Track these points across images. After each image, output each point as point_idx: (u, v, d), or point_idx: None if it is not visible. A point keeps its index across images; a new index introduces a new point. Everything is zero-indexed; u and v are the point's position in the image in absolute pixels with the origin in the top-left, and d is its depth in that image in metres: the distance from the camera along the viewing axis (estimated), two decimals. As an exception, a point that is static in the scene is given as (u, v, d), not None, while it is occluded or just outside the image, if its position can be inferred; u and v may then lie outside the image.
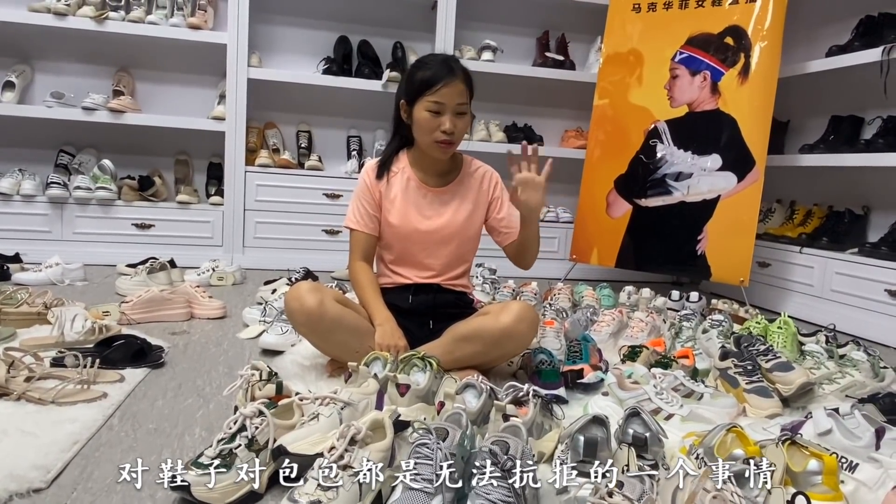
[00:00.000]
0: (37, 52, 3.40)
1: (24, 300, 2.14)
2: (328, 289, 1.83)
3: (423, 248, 1.86)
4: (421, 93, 1.71)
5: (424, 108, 1.72)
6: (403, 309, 1.84)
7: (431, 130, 1.73)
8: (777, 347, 2.04)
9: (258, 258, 3.45)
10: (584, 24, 3.88)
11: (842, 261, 2.87)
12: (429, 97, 1.70)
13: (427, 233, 1.85)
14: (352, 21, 3.70)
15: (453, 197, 1.87)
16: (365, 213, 1.85)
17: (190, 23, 3.31)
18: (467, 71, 1.76)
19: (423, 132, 1.75)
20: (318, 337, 1.75)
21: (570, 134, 3.97)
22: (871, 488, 1.17)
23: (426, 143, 1.77)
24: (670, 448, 1.32)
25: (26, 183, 3.20)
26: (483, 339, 1.71)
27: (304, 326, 1.72)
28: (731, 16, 3.04)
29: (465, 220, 1.87)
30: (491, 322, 1.71)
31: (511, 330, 1.70)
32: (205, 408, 1.51)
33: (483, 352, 1.73)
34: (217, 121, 3.40)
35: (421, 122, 1.74)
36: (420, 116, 1.73)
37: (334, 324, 1.69)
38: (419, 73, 1.73)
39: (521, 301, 1.73)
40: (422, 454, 1.03)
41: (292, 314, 1.72)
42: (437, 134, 1.72)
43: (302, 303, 1.67)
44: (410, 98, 1.75)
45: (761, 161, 2.94)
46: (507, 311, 1.72)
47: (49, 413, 1.39)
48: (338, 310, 1.70)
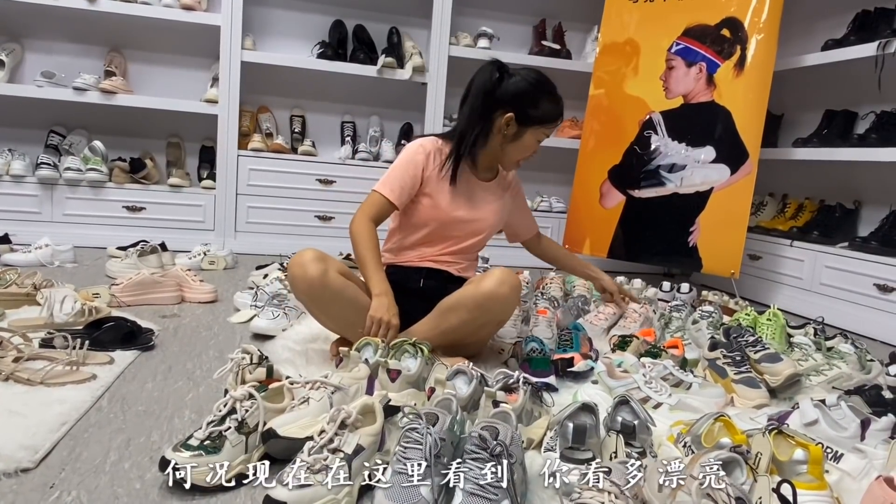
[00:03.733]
0: (27, 31, 3.35)
1: (13, 281, 2.13)
2: (334, 259, 1.77)
3: (455, 234, 1.88)
4: (541, 122, 1.80)
5: (535, 136, 1.82)
6: (412, 290, 1.83)
7: (527, 154, 1.86)
8: (766, 339, 2.06)
9: (250, 243, 3.44)
10: (580, 13, 3.87)
11: (832, 254, 2.88)
12: (545, 129, 1.82)
13: (467, 221, 1.87)
14: (347, 5, 3.66)
15: (493, 193, 1.94)
16: (404, 184, 1.79)
17: (183, 3, 3.27)
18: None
19: (519, 153, 1.85)
20: (318, 307, 1.74)
21: (565, 123, 3.95)
22: (856, 478, 1.19)
23: (511, 162, 1.89)
24: (658, 436, 1.34)
25: (16, 163, 3.16)
26: (467, 305, 1.70)
27: (304, 294, 1.71)
28: (728, 7, 3.04)
29: (498, 215, 1.95)
30: (473, 288, 1.72)
31: (493, 293, 1.69)
32: (195, 391, 1.51)
33: (469, 319, 1.71)
34: (210, 104, 3.37)
35: (526, 145, 1.83)
36: (528, 141, 1.82)
37: (336, 295, 1.68)
38: (548, 104, 1.79)
39: (502, 267, 1.74)
40: (411, 439, 1.04)
41: (294, 281, 1.70)
42: (526, 157, 1.87)
43: (305, 270, 1.66)
44: (526, 120, 1.78)
45: (755, 154, 2.95)
46: (489, 276, 1.72)
47: (37, 394, 1.38)
48: (340, 282, 1.69)
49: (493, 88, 1.76)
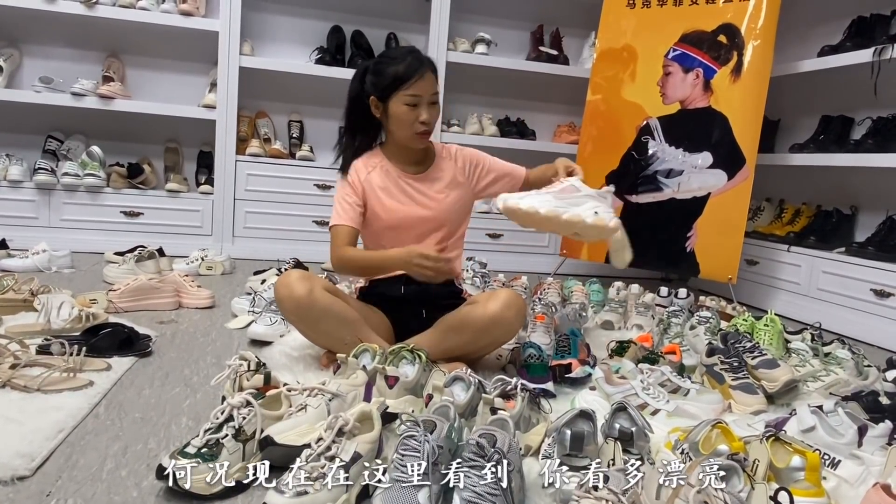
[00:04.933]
0: (25, 36, 3.35)
1: (10, 287, 2.13)
2: (318, 278, 1.82)
3: (414, 237, 1.86)
4: (395, 88, 1.73)
5: (402, 103, 1.73)
6: (395, 299, 1.85)
7: (411, 123, 1.75)
8: (763, 345, 2.06)
9: (248, 248, 3.43)
10: (578, 19, 3.88)
11: (829, 260, 2.89)
12: (405, 91, 1.72)
13: (418, 220, 1.85)
14: (346, 11, 3.67)
15: (436, 182, 1.88)
16: (349, 207, 1.81)
17: (181, 9, 3.27)
18: (432, 60, 1.80)
19: (402, 126, 1.77)
20: (307, 326, 1.75)
21: (562, 129, 3.97)
22: (853, 485, 1.19)
23: (406, 137, 1.79)
24: (656, 443, 1.34)
25: (13, 168, 3.16)
26: (471, 328, 1.72)
27: (292, 314, 1.72)
28: (724, 14, 3.05)
29: (452, 202, 1.89)
30: (479, 311, 1.72)
31: (499, 318, 1.71)
32: (192, 397, 1.51)
33: (472, 340, 1.74)
34: (208, 109, 3.37)
35: (400, 116, 1.75)
36: (398, 111, 1.75)
37: (323, 313, 1.69)
38: (390, 68, 1.74)
39: (508, 289, 1.74)
40: (409, 446, 1.04)
41: (281, 302, 1.71)
42: (417, 126, 1.75)
43: (291, 290, 1.67)
44: (383, 94, 1.76)
45: (751, 159, 2.96)
46: (495, 299, 1.73)
47: (34, 400, 1.38)
48: (327, 299, 1.70)
49: (358, 90, 1.81)
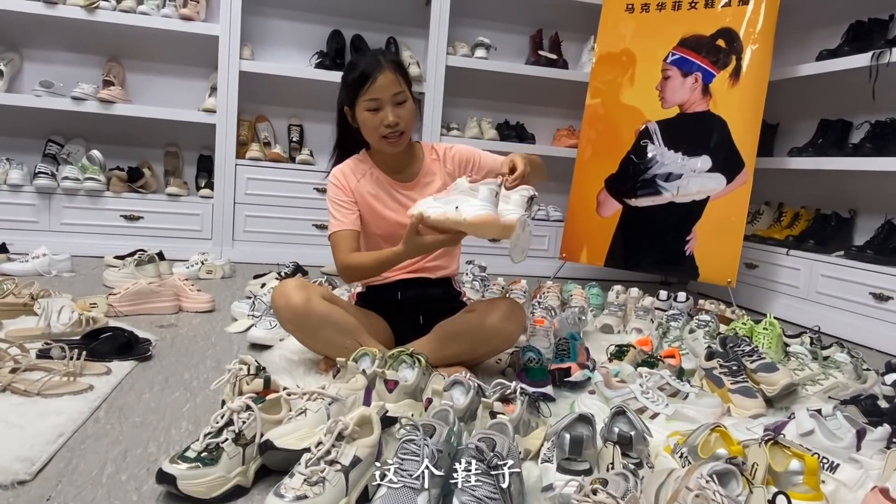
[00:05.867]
0: (26, 40, 3.36)
1: (10, 291, 2.12)
2: (315, 286, 1.82)
3: None
4: (357, 94, 1.71)
5: (364, 108, 1.72)
6: (393, 305, 1.85)
7: (376, 127, 1.72)
8: (762, 348, 2.06)
9: (248, 252, 3.44)
10: (577, 23, 3.89)
11: (828, 263, 2.89)
12: (364, 97, 1.70)
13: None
14: (345, 15, 3.68)
15: (426, 187, 1.85)
16: (345, 210, 1.80)
17: (182, 13, 3.28)
18: (396, 59, 1.78)
19: (368, 132, 1.76)
20: (305, 334, 1.75)
21: (561, 133, 3.98)
22: (852, 489, 1.19)
23: (375, 141, 1.77)
24: (655, 447, 1.34)
25: (13, 172, 3.16)
26: (471, 337, 1.73)
27: (290, 324, 1.72)
28: (723, 18, 3.06)
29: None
30: (478, 320, 1.72)
31: (499, 328, 1.72)
32: (192, 401, 1.51)
33: (471, 349, 1.75)
34: (208, 113, 3.38)
35: (364, 122, 1.74)
36: (362, 117, 1.74)
37: (321, 321, 1.68)
38: (349, 75, 1.74)
39: (508, 298, 1.74)
40: (409, 450, 1.04)
41: (279, 311, 1.71)
42: (382, 129, 1.72)
43: (288, 300, 1.67)
44: (350, 102, 1.76)
45: (750, 163, 2.96)
46: (496, 309, 1.73)
47: (34, 405, 1.38)
48: (325, 307, 1.69)
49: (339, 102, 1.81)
